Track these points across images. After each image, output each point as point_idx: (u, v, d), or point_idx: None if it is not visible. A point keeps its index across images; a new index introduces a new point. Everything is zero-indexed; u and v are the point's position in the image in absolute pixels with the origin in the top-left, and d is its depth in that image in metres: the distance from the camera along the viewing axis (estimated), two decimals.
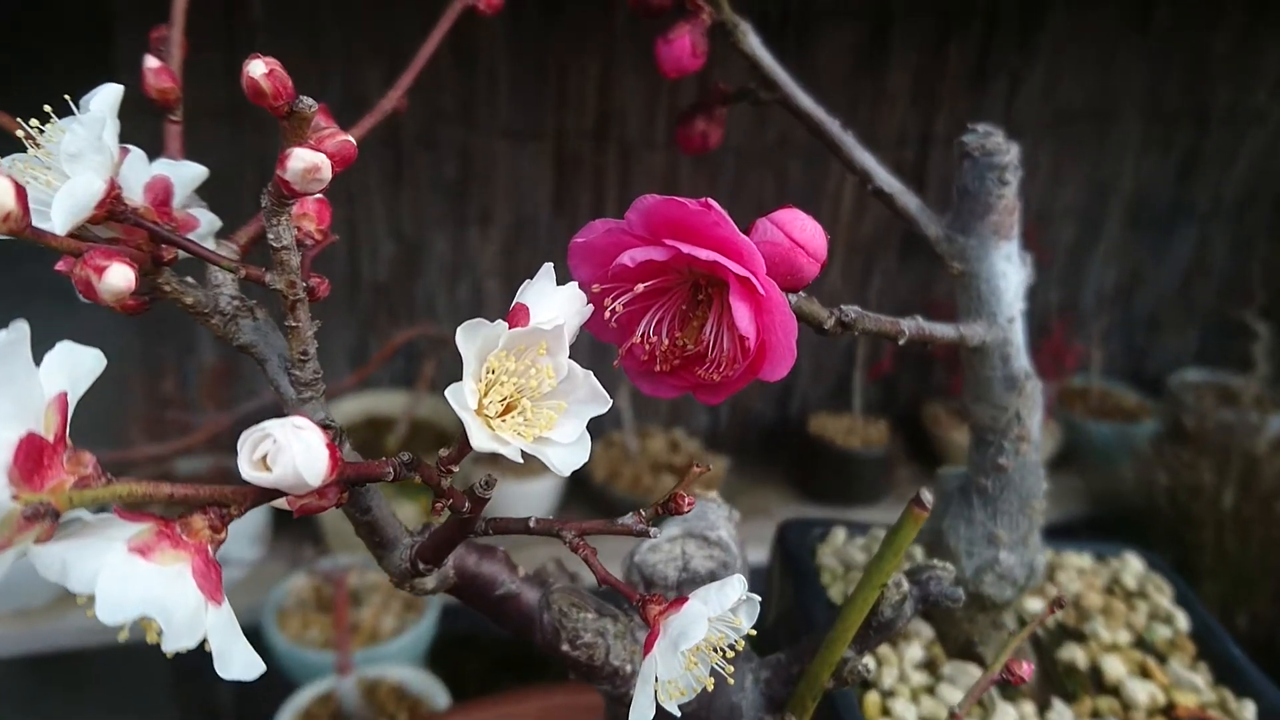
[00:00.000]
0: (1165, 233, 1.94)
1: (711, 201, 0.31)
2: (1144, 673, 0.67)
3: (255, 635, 1.25)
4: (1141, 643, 0.70)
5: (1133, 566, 0.77)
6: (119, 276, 0.27)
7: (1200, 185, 1.90)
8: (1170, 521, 1.63)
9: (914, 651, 0.65)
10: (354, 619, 1.30)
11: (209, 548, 0.26)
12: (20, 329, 0.22)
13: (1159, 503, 1.64)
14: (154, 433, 1.40)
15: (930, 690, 0.63)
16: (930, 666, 0.65)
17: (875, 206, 1.68)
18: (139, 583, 0.23)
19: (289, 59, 0.32)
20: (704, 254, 0.31)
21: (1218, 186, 1.91)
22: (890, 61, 1.58)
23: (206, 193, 0.42)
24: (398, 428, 1.48)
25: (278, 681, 1.24)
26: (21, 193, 0.25)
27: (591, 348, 0.35)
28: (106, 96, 0.31)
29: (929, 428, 1.79)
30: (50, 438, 0.23)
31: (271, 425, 0.25)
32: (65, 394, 0.24)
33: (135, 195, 0.35)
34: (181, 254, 0.35)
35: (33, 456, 0.22)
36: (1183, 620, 0.72)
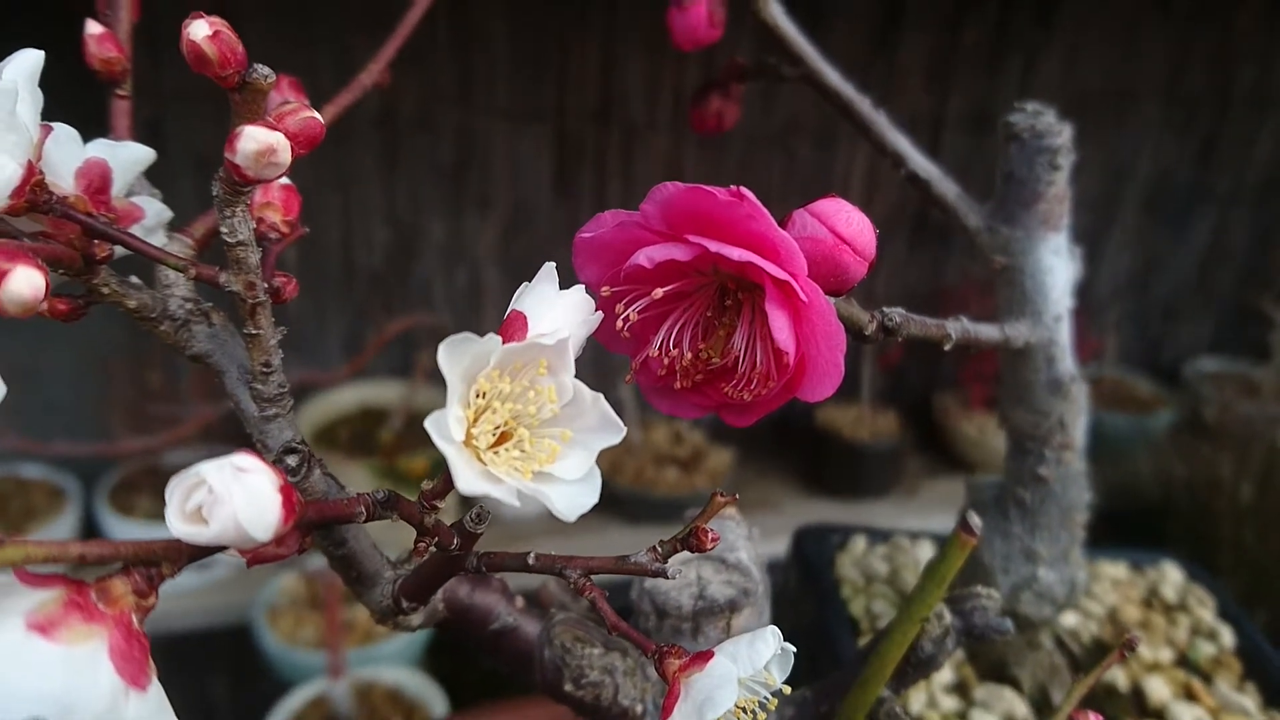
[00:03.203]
0: (1183, 218, 1.88)
1: (744, 190, 0.26)
2: (1189, 695, 0.62)
3: (246, 635, 1.21)
4: (1184, 661, 0.66)
5: (1171, 577, 0.72)
6: (24, 283, 0.22)
7: (1220, 169, 1.85)
8: (1188, 515, 1.59)
9: (944, 674, 0.60)
10: (348, 618, 1.25)
11: (133, 618, 0.21)
12: None
13: (1176, 496, 1.60)
14: (140, 425, 1.35)
15: (962, 717, 0.58)
16: (961, 690, 0.60)
17: (885, 192, 1.64)
18: (37, 671, 0.19)
19: (278, 37, 0.27)
20: (735, 253, 0.26)
21: (1238, 171, 1.86)
22: (904, 41, 1.52)
23: (198, 181, 0.37)
24: (393, 419, 1.43)
25: (269, 682, 1.20)
26: None
27: (592, 352, 0.31)
28: (23, 64, 0.26)
29: (939, 419, 1.75)
30: None
31: (208, 469, 0.21)
32: None
33: (65, 182, 0.30)
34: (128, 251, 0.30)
35: None
36: (1228, 636, 0.67)
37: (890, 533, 0.73)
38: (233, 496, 0.20)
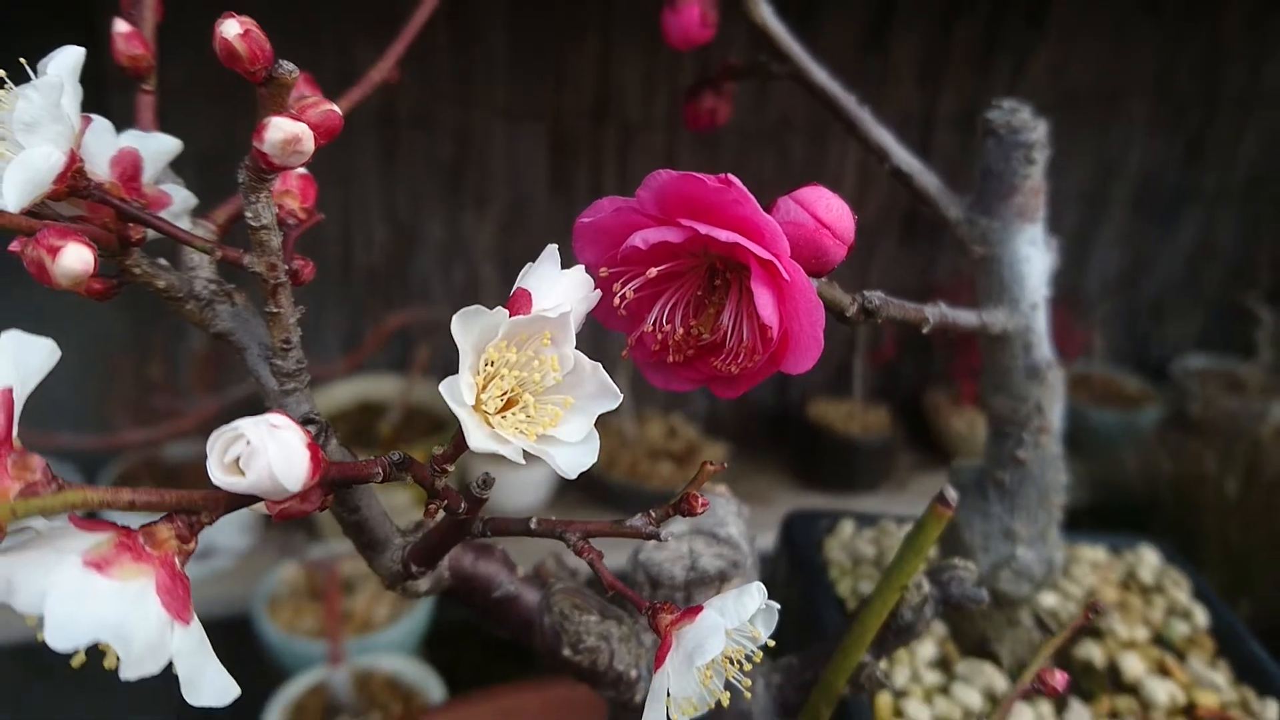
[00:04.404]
0: (1171, 217, 1.91)
1: (732, 178, 0.28)
2: (1163, 671, 0.65)
3: (246, 625, 1.23)
4: (1160, 639, 0.68)
5: (1149, 560, 0.75)
6: (75, 258, 0.24)
7: (1208, 168, 1.87)
8: (1173, 509, 1.61)
9: (927, 650, 0.63)
10: (347, 607, 1.27)
11: (176, 560, 0.23)
12: None
13: (1162, 491, 1.63)
14: (141, 418, 1.37)
15: (944, 690, 0.60)
16: (944, 665, 0.63)
17: (877, 189, 1.66)
18: (94, 603, 0.21)
19: (282, 38, 0.29)
20: (723, 235, 0.28)
21: (1225, 169, 1.89)
22: (895, 40, 1.55)
23: (197, 174, 0.39)
24: (391, 414, 1.45)
25: (269, 671, 1.22)
26: None
27: (591, 333, 0.33)
28: (66, 60, 0.29)
29: (930, 414, 1.77)
30: None
31: (245, 424, 0.23)
32: (11, 390, 0.22)
33: (101, 169, 0.32)
34: (155, 235, 0.33)
35: None
36: (1201, 616, 0.70)
37: (877, 517, 0.76)
38: (268, 449, 0.23)
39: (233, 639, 1.30)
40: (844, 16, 1.50)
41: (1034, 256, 0.52)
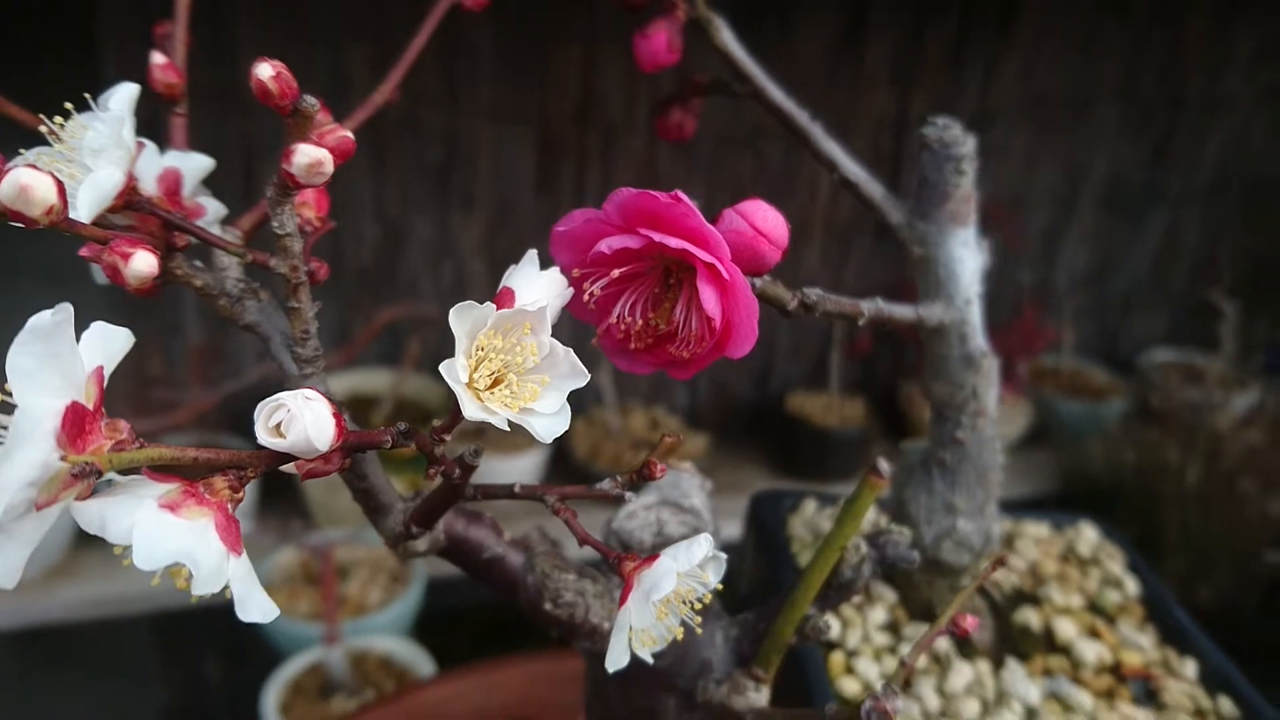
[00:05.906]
0: (1137, 216, 1.98)
1: (681, 194, 0.34)
2: (1094, 634, 0.71)
3: None
4: (1093, 606, 0.74)
5: (1087, 535, 0.81)
6: (143, 263, 0.30)
7: (1173, 170, 1.94)
8: (1137, 498, 1.67)
9: (877, 614, 0.69)
10: (341, 591, 1.33)
11: (229, 505, 0.29)
12: (65, 311, 0.25)
13: (1126, 480, 1.69)
14: (140, 410, 1.42)
15: (892, 650, 0.67)
16: (893, 628, 0.69)
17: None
18: (170, 535, 0.26)
19: (274, 40, 0.35)
20: (674, 242, 0.34)
21: (1190, 171, 1.96)
22: (868, 46, 1.61)
23: None
24: (383, 406, 1.51)
25: (266, 653, 1.27)
26: (61, 188, 0.27)
27: (572, 328, 0.39)
28: (125, 95, 0.34)
29: (905, 407, 1.84)
30: (90, 406, 0.26)
31: (285, 396, 0.29)
32: (101, 368, 0.27)
33: (148, 185, 0.38)
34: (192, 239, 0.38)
35: (76, 423, 0.25)
36: (1133, 586, 0.76)
37: (837, 497, 0.82)
38: (304, 415, 0.28)
39: (230, 621, 1.35)
40: (818, 23, 1.56)
41: (966, 258, 0.58)
